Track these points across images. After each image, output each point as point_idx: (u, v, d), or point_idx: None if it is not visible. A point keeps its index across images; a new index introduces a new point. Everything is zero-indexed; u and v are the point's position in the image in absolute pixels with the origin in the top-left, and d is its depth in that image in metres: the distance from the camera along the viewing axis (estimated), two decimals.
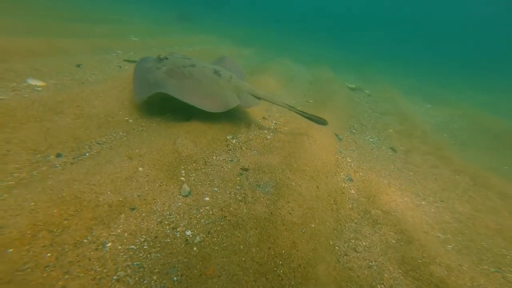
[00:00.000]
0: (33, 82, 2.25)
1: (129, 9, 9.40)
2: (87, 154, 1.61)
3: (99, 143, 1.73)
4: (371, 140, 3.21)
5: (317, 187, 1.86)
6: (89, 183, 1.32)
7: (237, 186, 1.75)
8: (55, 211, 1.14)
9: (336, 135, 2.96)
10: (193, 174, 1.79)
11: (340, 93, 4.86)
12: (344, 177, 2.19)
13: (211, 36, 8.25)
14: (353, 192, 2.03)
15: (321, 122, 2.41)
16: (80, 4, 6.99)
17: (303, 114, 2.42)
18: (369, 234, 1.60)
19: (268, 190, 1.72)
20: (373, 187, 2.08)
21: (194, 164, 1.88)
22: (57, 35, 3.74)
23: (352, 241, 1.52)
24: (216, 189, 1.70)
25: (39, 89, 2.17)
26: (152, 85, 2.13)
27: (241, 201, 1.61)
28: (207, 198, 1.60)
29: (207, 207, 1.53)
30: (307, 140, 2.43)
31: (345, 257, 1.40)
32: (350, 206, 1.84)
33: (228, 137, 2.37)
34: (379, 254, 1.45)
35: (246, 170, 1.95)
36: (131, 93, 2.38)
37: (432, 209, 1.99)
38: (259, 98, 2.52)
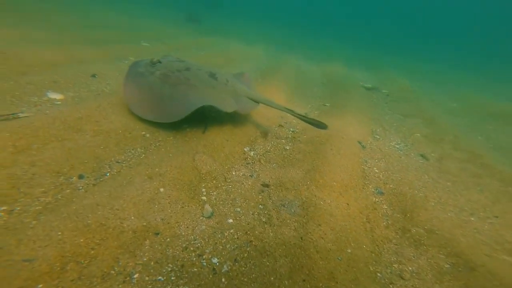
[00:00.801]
0: (52, 95, 2.29)
1: (134, 12, 9.51)
2: (108, 174, 1.59)
3: (118, 162, 1.72)
4: (397, 146, 3.04)
5: (347, 204, 1.76)
6: (113, 207, 1.30)
7: (260, 206, 1.69)
8: (81, 240, 1.12)
9: (359, 143, 2.82)
10: (214, 193, 1.74)
11: (356, 94, 4.67)
12: (373, 190, 2.07)
13: (219, 37, 8.22)
14: (386, 207, 1.91)
15: (322, 126, 2.36)
16: (88, 9, 7.12)
17: (303, 118, 2.36)
18: (413, 257, 1.48)
19: (294, 211, 1.64)
20: (408, 201, 1.94)
21: (214, 181, 1.83)
22: (70, 43, 3.82)
23: (395, 265, 1.41)
24: (238, 209, 1.64)
25: (58, 102, 2.20)
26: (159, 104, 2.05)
27: (266, 223, 1.54)
28: (231, 220, 1.55)
29: (231, 231, 1.47)
30: (330, 151, 2.31)
31: (391, 286, 1.29)
32: (384, 223, 1.73)
33: (245, 149, 2.31)
34: (433, 282, 1.33)
35: (267, 186, 1.89)
36: None
37: (486, 226, 1.81)
38: (257, 102, 2.46)
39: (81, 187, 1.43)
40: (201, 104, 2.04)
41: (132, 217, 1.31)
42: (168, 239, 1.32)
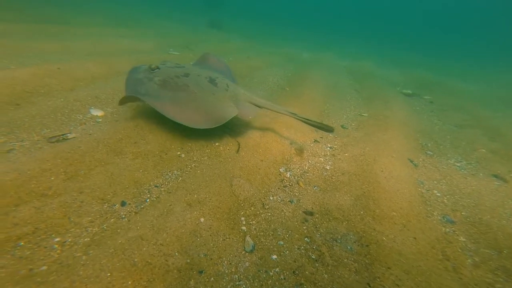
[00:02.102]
0: (94, 112, 2.41)
1: (152, 17, 10.05)
2: (148, 201, 1.58)
3: (156, 186, 1.71)
4: (458, 165, 2.64)
5: (415, 238, 1.52)
6: (157, 242, 1.26)
7: (306, 239, 1.53)
8: (129, 282, 1.08)
9: (410, 161, 2.50)
10: (254, 222, 1.63)
11: (395, 102, 4.27)
12: (440, 218, 1.79)
13: (241, 42, 8.28)
14: (463, 239, 1.62)
15: (329, 129, 2.28)
16: (116, 18, 7.64)
17: (309, 122, 2.28)
18: None
19: (351, 248, 1.45)
20: (497, 234, 1.62)
21: (252, 208, 1.73)
22: (107, 54, 4.10)
23: None
24: (281, 242, 1.50)
25: (100, 120, 2.30)
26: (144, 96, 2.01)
27: (316, 261, 1.38)
28: (275, 256, 1.42)
29: (277, 269, 1.34)
30: (380, 173, 2.07)
31: None
32: (470, 261, 1.45)
33: (281, 170, 2.18)
34: None
35: (311, 214, 1.72)
36: (181, 123, 2.37)
37: None
38: (259, 107, 2.39)
39: (124, 216, 1.43)
40: (199, 114, 2.01)
41: (176, 253, 1.25)
42: (212, 278, 1.24)
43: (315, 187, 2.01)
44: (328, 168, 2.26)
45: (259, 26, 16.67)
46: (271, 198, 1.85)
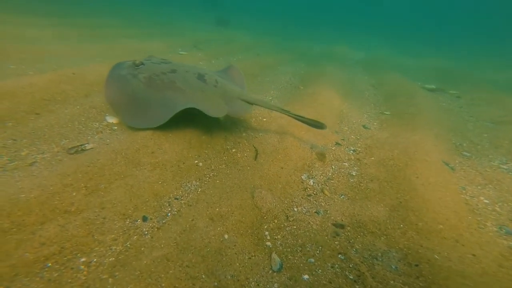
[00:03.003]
0: (110, 119, 2.39)
1: (157, 16, 10.01)
2: (169, 215, 1.54)
3: (176, 198, 1.66)
4: (504, 167, 2.41)
5: (474, 255, 1.37)
6: (183, 264, 1.21)
7: (340, 256, 1.43)
8: None
9: (446, 164, 2.30)
10: (279, 236, 1.54)
11: (419, 98, 3.99)
12: (496, 229, 1.62)
13: (249, 40, 8.10)
14: None
15: (320, 126, 2.19)
16: (125, 18, 7.67)
17: (300, 119, 2.25)
18: None
19: (396, 267, 1.33)
20: None
21: (275, 221, 1.64)
22: (118, 57, 4.13)
23: None
24: (312, 260, 1.41)
25: (115, 127, 2.28)
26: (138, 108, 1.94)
27: (356, 282, 1.28)
28: (306, 276, 1.33)
29: None
30: (416, 179, 1.91)
31: None
32: None
33: (303, 177, 2.07)
34: None
35: (342, 227, 1.61)
36: (196, 129, 2.31)
37: None
38: (250, 104, 2.31)
39: (146, 232, 1.39)
40: (184, 107, 1.93)
41: (203, 275, 1.20)
42: None
43: (342, 196, 1.88)
44: (354, 174, 2.13)
45: (266, 22, 16.31)
46: (295, 209, 1.76)
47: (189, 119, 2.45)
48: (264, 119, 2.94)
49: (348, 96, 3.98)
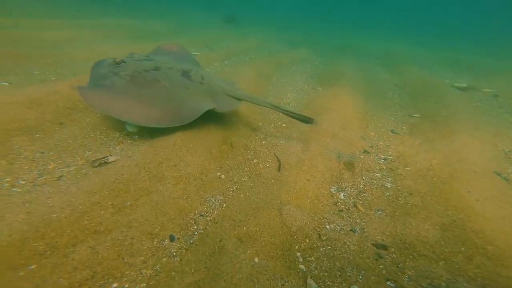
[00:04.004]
0: (130, 128, 2.39)
1: (166, 14, 10.03)
2: (196, 233, 1.50)
3: (202, 215, 1.62)
4: None
5: None
6: None
7: (389, 283, 1.31)
8: None
9: (498, 174, 2.08)
10: (312, 258, 1.45)
11: (450, 98, 3.70)
12: None
13: (259, 38, 7.95)
14: None
15: (310, 121, 2.18)
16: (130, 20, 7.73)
17: (290, 114, 2.26)
18: None
19: None
20: None
21: (307, 240, 1.55)
22: None
23: None
24: (355, 287, 1.30)
25: (136, 136, 2.28)
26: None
27: None
28: None
29: None
30: (467, 194, 1.74)
31: None
32: None
33: (332, 190, 1.95)
34: None
35: (385, 248, 1.48)
36: (215, 138, 2.26)
37: None
38: (238, 99, 2.26)
39: (175, 254, 1.36)
40: (170, 106, 1.90)
41: None
42: None
43: (379, 212, 1.75)
44: (389, 186, 1.98)
45: (274, 19, 16.07)
46: (327, 226, 1.65)
47: (205, 123, 2.41)
48: (284, 125, 2.84)
49: (371, 97, 3.77)
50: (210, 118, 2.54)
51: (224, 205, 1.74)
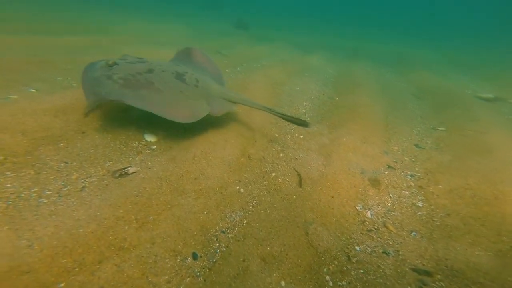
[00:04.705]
0: (148, 138, 2.43)
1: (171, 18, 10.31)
2: (218, 251, 1.47)
3: (223, 232, 1.59)
4: None
5: None
6: None
7: None
8: None
9: None
10: (343, 282, 1.37)
11: (478, 110, 3.56)
12: None
13: (271, 44, 8.06)
14: None
15: (303, 123, 2.22)
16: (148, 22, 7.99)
17: (283, 117, 2.26)
18: None
19: None
20: None
21: (335, 262, 1.47)
22: None
23: None
24: None
25: (154, 147, 2.31)
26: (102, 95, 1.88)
27: None
28: None
29: None
30: None
31: None
32: None
33: (358, 208, 1.87)
34: None
35: (429, 274, 1.37)
36: (232, 149, 2.25)
37: None
38: (234, 103, 2.28)
39: (198, 273, 1.32)
40: (166, 114, 1.91)
41: None
42: None
43: (413, 233, 1.65)
44: (421, 205, 1.88)
45: (282, 23, 16.37)
46: (357, 248, 1.57)
47: (222, 133, 2.40)
48: (301, 136, 2.81)
49: (391, 108, 3.68)
50: (228, 128, 2.55)
51: (245, 221, 1.70)
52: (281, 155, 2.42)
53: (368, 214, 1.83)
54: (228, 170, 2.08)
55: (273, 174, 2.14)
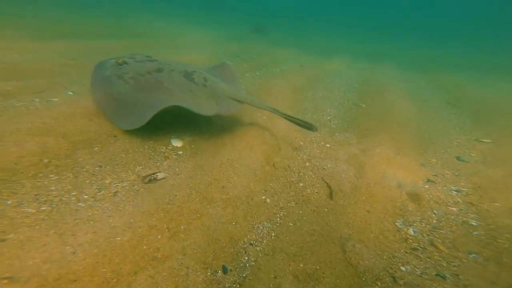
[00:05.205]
0: (175, 143, 2.45)
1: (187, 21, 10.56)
2: (248, 266, 1.41)
3: (251, 244, 1.53)
4: None
5: None
6: None
7: None
8: None
9: None
10: None
11: None
12: None
13: (290, 49, 7.96)
14: None
15: (310, 127, 2.19)
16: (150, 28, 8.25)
17: (289, 119, 2.23)
18: None
19: None
20: None
21: (379, 284, 1.34)
22: None
23: None
24: None
25: (180, 152, 2.32)
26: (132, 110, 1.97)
27: None
28: None
29: None
30: None
31: None
32: None
33: (398, 224, 1.71)
34: None
35: None
36: (257, 156, 2.20)
37: None
38: (240, 102, 2.25)
39: None
40: (171, 104, 1.90)
41: None
42: None
43: (473, 255, 1.46)
44: (475, 224, 1.67)
45: (303, 28, 16.31)
46: (402, 268, 1.42)
47: (246, 139, 2.36)
48: (328, 145, 2.68)
49: (424, 117, 3.41)
50: (252, 135, 2.51)
51: (273, 233, 1.62)
52: (307, 164, 2.32)
53: (411, 231, 1.66)
54: (254, 179, 2.02)
55: (300, 185, 2.05)
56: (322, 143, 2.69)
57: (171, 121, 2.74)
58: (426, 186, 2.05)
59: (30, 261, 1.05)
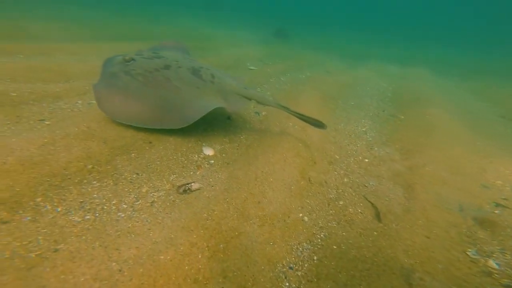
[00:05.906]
0: (207, 151, 2.41)
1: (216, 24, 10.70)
2: None
3: (291, 268, 1.46)
4: None
5: None
6: None
7: None
8: None
9: None
10: None
11: None
12: None
13: (311, 53, 7.79)
14: None
15: (319, 125, 2.19)
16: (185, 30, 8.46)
17: (300, 117, 2.20)
18: None
19: None
20: None
21: None
22: None
23: None
24: None
25: (212, 161, 2.28)
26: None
27: None
28: None
29: None
30: None
31: None
32: None
33: (470, 253, 1.49)
34: None
35: None
36: (292, 170, 2.08)
37: None
38: (248, 99, 2.21)
39: None
40: (185, 111, 1.93)
41: None
42: None
43: None
44: None
45: (326, 34, 15.95)
46: None
47: (278, 151, 2.24)
48: (366, 160, 2.48)
49: (476, 132, 3.04)
50: (284, 146, 2.40)
51: (315, 257, 1.49)
52: (345, 180, 2.15)
53: (493, 264, 1.41)
54: (290, 195, 1.91)
55: (341, 203, 1.89)
56: (360, 158, 2.49)
57: (200, 125, 2.70)
58: (496, 212, 1.76)
59: (82, 278, 1.05)
